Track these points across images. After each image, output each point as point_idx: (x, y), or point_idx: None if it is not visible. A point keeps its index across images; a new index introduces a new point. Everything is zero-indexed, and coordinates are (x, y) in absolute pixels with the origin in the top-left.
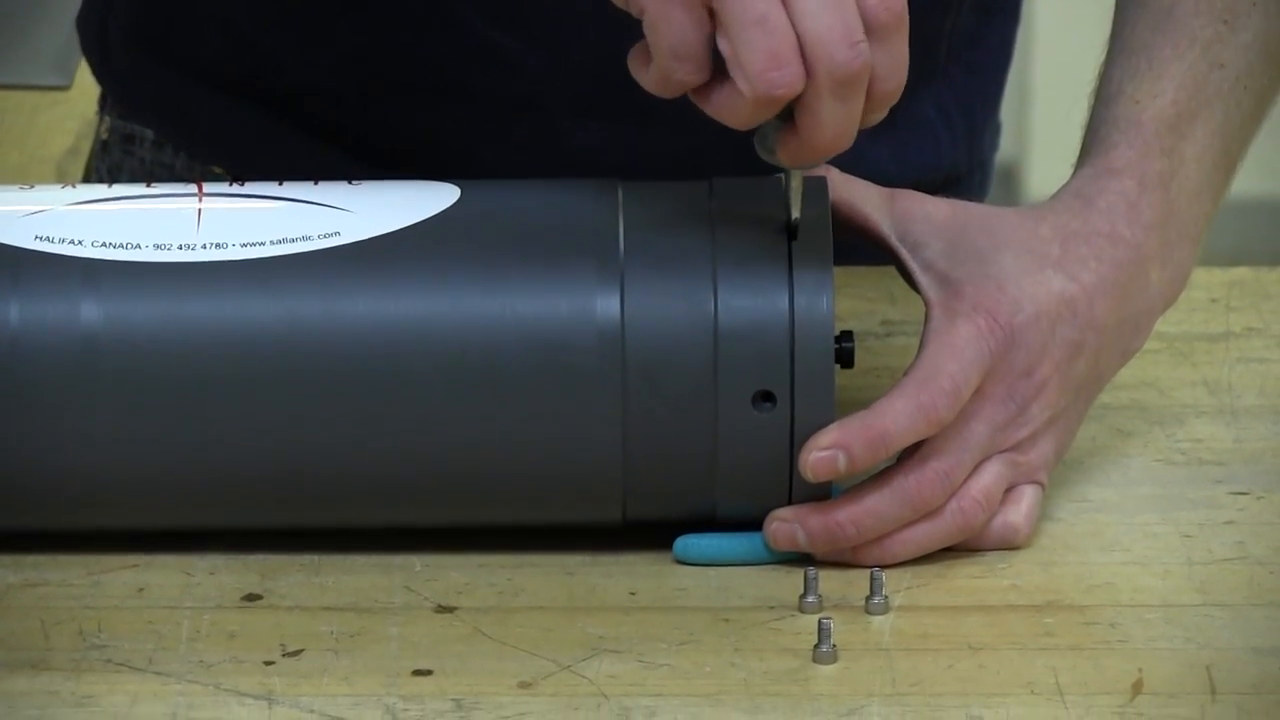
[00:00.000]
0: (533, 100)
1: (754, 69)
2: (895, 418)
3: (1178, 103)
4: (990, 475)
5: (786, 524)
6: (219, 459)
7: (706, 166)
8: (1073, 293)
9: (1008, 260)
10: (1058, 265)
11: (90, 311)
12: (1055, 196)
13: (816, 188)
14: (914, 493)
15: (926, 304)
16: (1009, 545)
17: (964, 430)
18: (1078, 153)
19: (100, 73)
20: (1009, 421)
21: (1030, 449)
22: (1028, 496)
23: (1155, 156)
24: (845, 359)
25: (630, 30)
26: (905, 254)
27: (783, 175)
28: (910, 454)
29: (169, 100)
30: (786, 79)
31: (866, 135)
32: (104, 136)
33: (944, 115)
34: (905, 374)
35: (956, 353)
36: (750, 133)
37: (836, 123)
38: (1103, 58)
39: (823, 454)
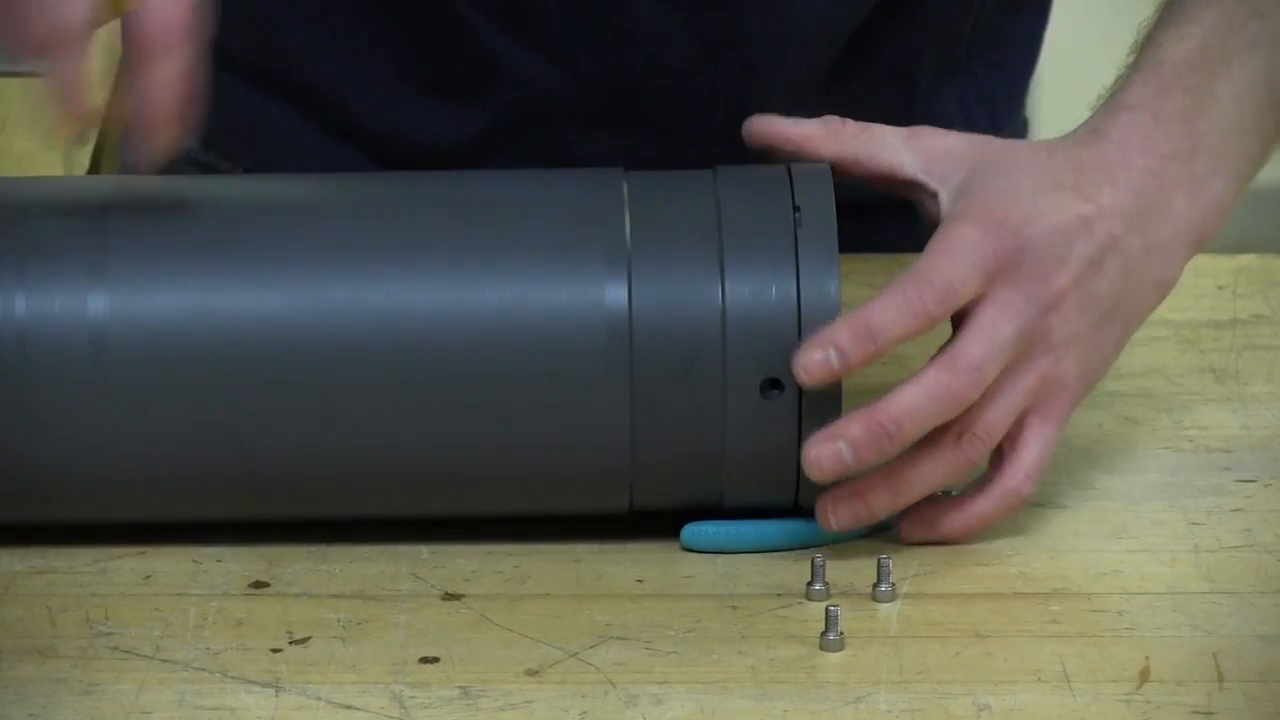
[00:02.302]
0: (541, 111)
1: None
2: (883, 310)
3: (1206, 46)
4: (1002, 400)
5: (828, 443)
6: (225, 451)
7: None
8: (1089, 212)
9: (1025, 180)
10: (1074, 189)
11: (97, 303)
12: (1069, 133)
13: (818, 175)
14: (947, 387)
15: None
16: (1012, 507)
17: (989, 326)
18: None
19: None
20: (1029, 328)
21: (1051, 368)
22: (1031, 448)
23: (1173, 93)
24: None
25: (637, 44)
26: (934, 184)
27: (786, 166)
28: (941, 353)
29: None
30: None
31: None
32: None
33: (965, 112)
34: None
35: (950, 251)
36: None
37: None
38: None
39: (815, 355)
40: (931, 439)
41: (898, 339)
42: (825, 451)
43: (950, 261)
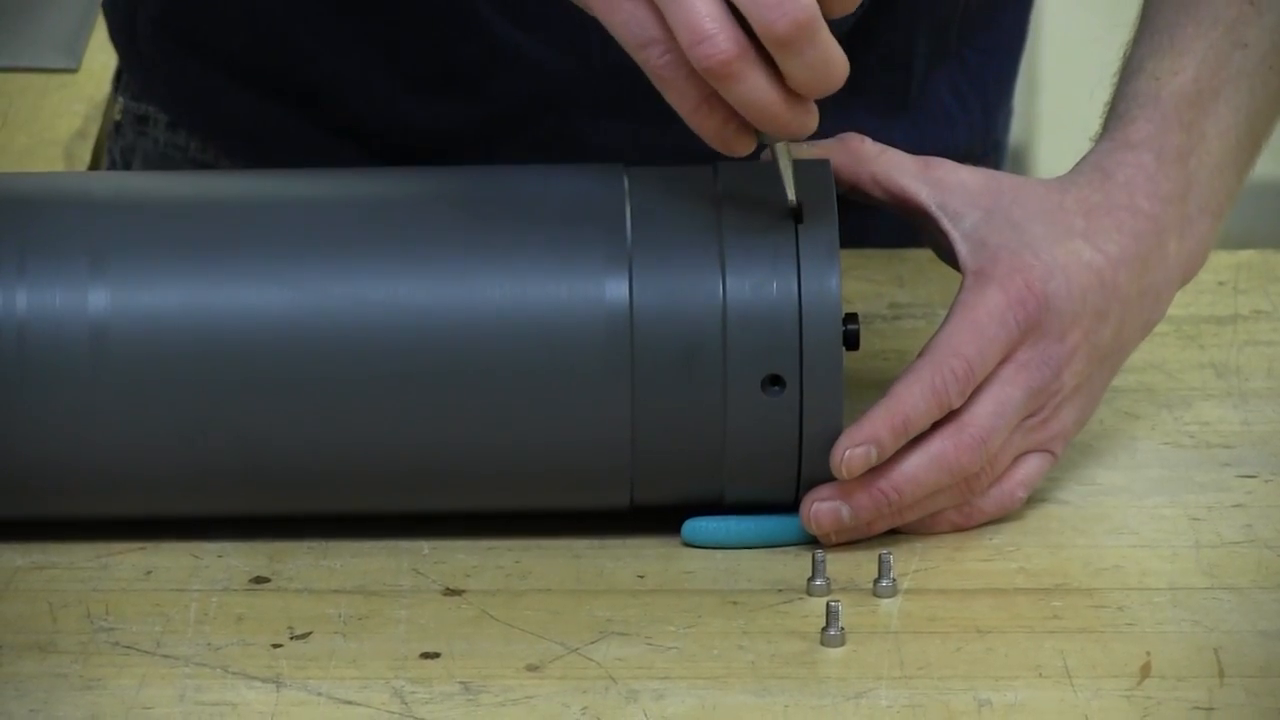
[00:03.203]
0: (552, 101)
1: (684, 46)
2: (913, 404)
3: (1199, 79)
4: (1008, 446)
5: (829, 503)
6: (226, 447)
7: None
8: (1099, 263)
9: (1039, 230)
10: (1084, 236)
11: (98, 298)
12: (1075, 169)
13: (819, 171)
14: (952, 459)
15: (962, 271)
16: (1005, 512)
17: (1001, 396)
18: (1099, 129)
19: (125, 57)
20: (1043, 387)
21: (1054, 418)
22: (1030, 465)
23: (1174, 131)
24: (850, 341)
25: None
26: (946, 223)
27: (770, 150)
28: (949, 420)
29: (193, 89)
30: (711, 50)
31: (881, 117)
32: (117, 118)
33: (959, 97)
34: (925, 347)
35: (978, 330)
36: None
37: (798, 76)
38: (1129, 36)
39: (857, 450)
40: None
41: (925, 425)
42: (824, 509)
43: (975, 346)
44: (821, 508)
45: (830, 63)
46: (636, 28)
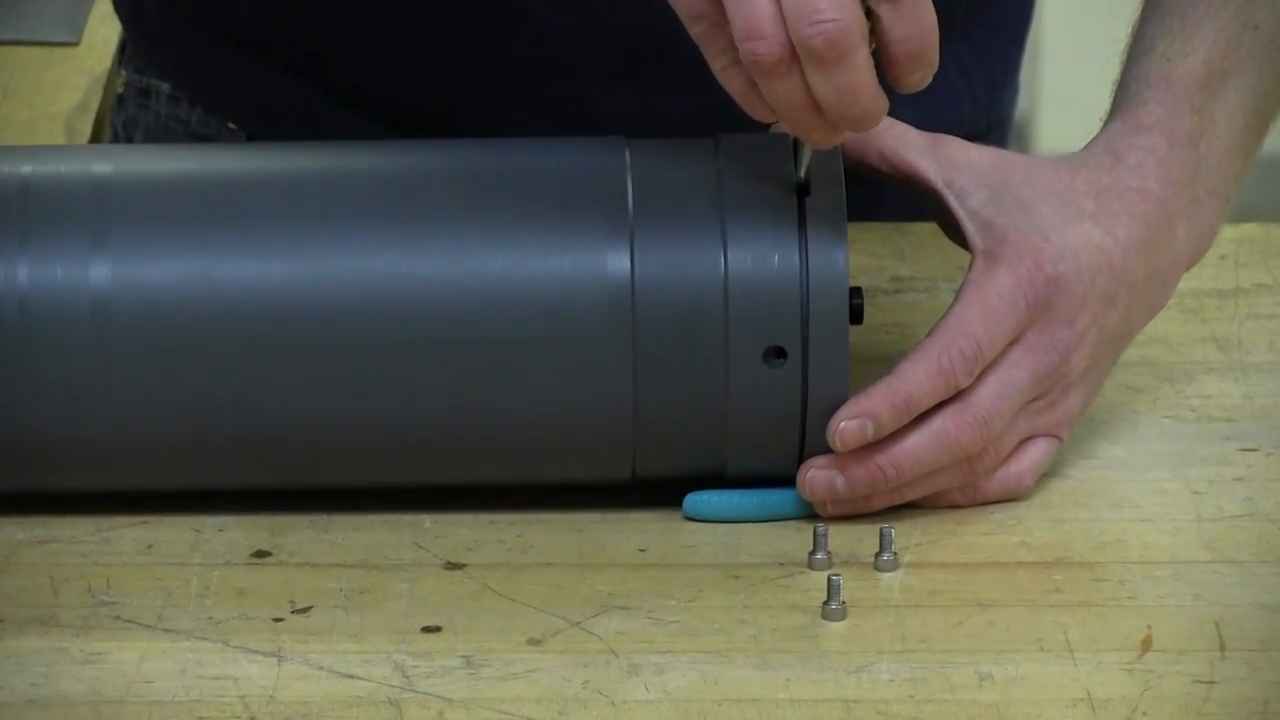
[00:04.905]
0: (560, 64)
1: (737, 38)
2: (918, 383)
3: (1209, 61)
4: (1013, 429)
5: (824, 471)
6: (227, 419)
7: (736, 130)
8: (1109, 246)
9: (1048, 211)
10: (1094, 219)
11: (99, 272)
12: (1086, 149)
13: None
14: (953, 438)
15: (971, 251)
16: (1011, 497)
17: (1007, 378)
18: (1108, 109)
19: (131, 29)
20: (1050, 371)
21: (1060, 402)
22: (1038, 449)
23: (1185, 114)
24: (855, 315)
25: None
26: (953, 201)
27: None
28: (953, 400)
29: (198, 60)
30: (762, 49)
31: (887, 93)
32: (120, 90)
33: (964, 73)
34: (933, 327)
35: (988, 311)
36: None
37: (824, 94)
38: (1136, 14)
39: (852, 423)
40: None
41: (930, 405)
42: (819, 477)
43: (984, 327)
44: (817, 475)
45: (860, 90)
46: (696, 3)
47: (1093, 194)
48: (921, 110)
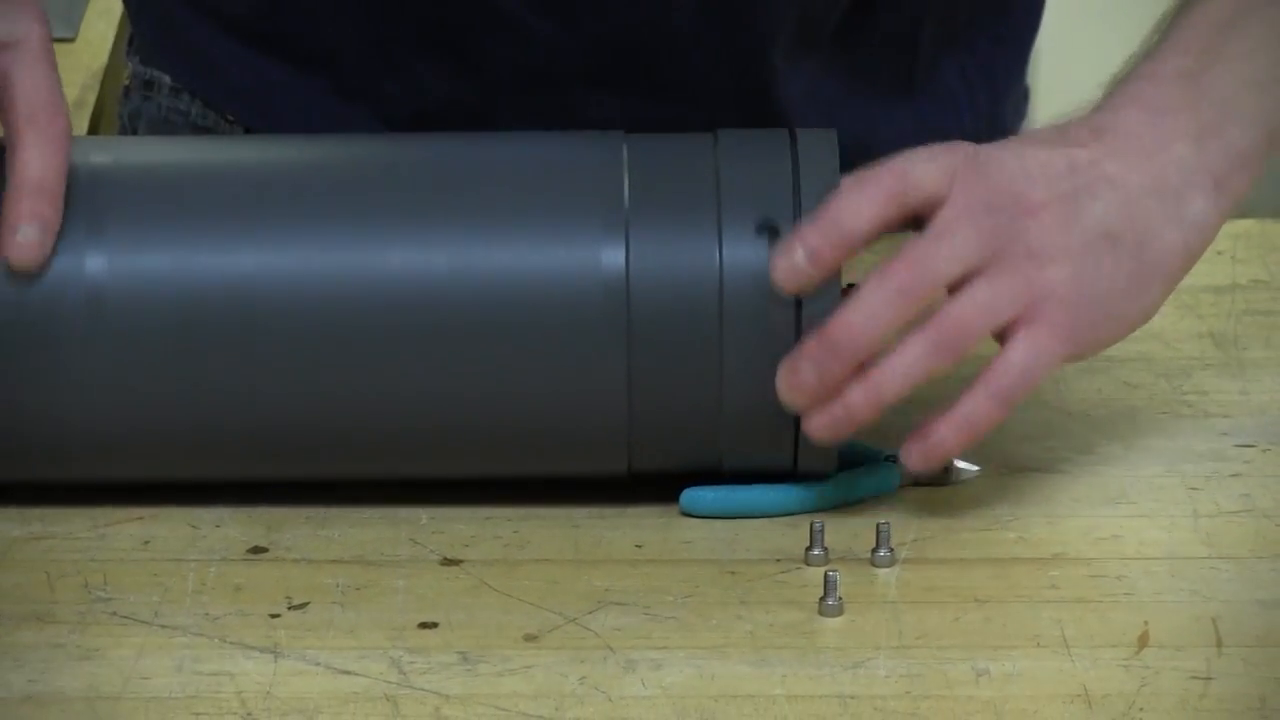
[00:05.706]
0: (547, 71)
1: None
2: (846, 201)
3: (1220, 7)
4: (987, 285)
5: (789, 362)
6: (225, 411)
7: None
8: (1073, 153)
9: (1011, 143)
10: (1061, 142)
11: (95, 262)
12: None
13: (824, 139)
14: (902, 278)
15: None
16: (1026, 382)
17: (941, 225)
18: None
19: (136, 21)
20: (997, 228)
21: (1037, 276)
22: (1020, 349)
23: (1171, 56)
24: None
25: (641, 4)
26: None
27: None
28: (901, 250)
29: (202, 53)
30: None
31: (885, 99)
32: (126, 82)
33: (967, 83)
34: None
35: (915, 152)
36: (763, 103)
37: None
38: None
39: (784, 263)
40: (904, 335)
41: (866, 231)
42: (783, 371)
43: (913, 156)
44: (781, 372)
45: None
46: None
47: (1058, 130)
48: (921, 118)
